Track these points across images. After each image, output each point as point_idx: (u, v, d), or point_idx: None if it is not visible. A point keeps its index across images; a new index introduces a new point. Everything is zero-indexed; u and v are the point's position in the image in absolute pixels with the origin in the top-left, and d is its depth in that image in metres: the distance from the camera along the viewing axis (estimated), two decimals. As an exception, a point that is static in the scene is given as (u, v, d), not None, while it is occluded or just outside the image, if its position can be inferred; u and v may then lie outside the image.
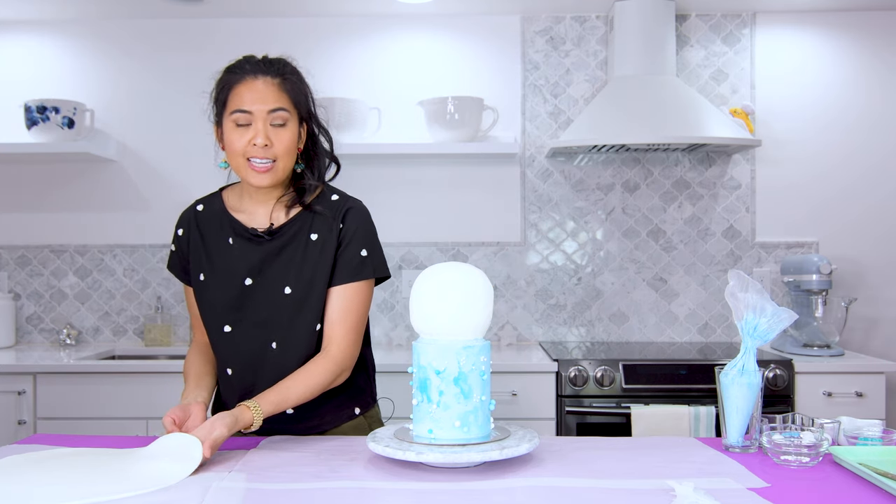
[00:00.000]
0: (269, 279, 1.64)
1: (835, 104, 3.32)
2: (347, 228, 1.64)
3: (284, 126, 1.59)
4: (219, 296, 1.67)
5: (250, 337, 1.66)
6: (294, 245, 1.64)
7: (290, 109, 1.60)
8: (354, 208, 1.67)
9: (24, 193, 3.37)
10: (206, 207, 1.73)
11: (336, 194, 1.70)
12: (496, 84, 3.32)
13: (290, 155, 1.61)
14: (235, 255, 1.66)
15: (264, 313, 1.64)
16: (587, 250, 3.33)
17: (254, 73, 1.60)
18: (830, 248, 3.30)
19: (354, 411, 1.74)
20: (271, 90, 1.58)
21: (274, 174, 1.59)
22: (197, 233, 1.71)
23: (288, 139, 1.59)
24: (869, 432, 1.49)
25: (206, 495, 1.22)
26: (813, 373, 2.73)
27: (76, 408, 2.74)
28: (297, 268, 1.63)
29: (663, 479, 1.28)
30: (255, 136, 1.56)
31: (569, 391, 2.72)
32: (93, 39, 3.36)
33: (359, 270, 1.64)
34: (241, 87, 1.59)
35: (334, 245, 1.63)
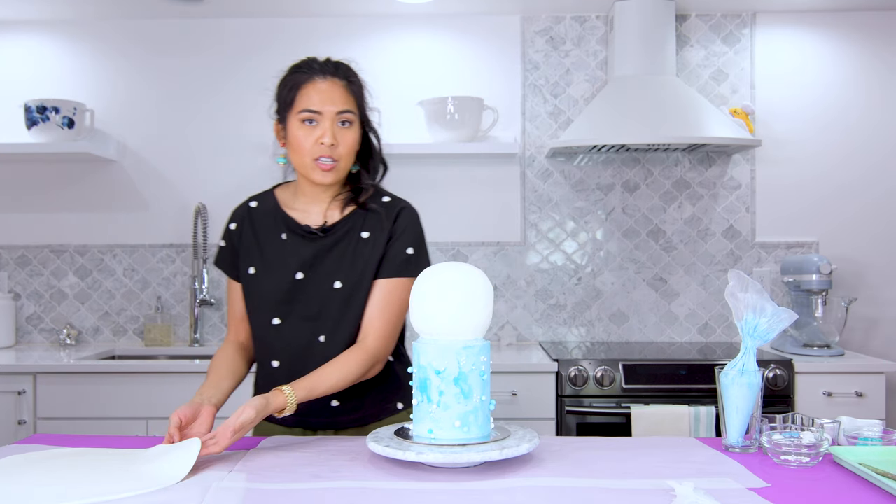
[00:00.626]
0: (320, 274, 1.68)
1: (835, 104, 3.32)
2: (398, 226, 1.69)
3: (350, 127, 1.65)
4: (269, 289, 1.70)
5: (299, 330, 1.69)
6: (346, 242, 1.69)
7: (355, 111, 1.66)
8: (407, 209, 1.73)
9: (24, 193, 3.37)
10: (259, 204, 1.78)
11: (388, 196, 1.75)
12: (496, 84, 3.32)
13: (352, 155, 1.67)
14: (288, 250, 1.70)
15: (314, 307, 1.68)
16: (587, 250, 3.33)
17: (322, 74, 1.65)
18: (830, 247, 3.30)
19: (397, 406, 1.77)
20: (339, 92, 1.64)
21: (336, 173, 1.65)
22: (250, 228, 1.75)
23: (352, 140, 1.65)
24: (869, 432, 1.49)
25: (206, 495, 1.22)
26: (813, 373, 2.73)
27: (76, 408, 2.74)
28: (349, 263, 1.68)
29: (663, 479, 1.28)
30: (323, 135, 1.61)
31: (569, 391, 2.72)
32: (93, 40, 3.36)
33: (403, 267, 1.67)
34: (310, 88, 1.64)
35: (384, 241, 1.68)
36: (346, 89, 1.65)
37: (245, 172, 3.35)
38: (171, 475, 1.30)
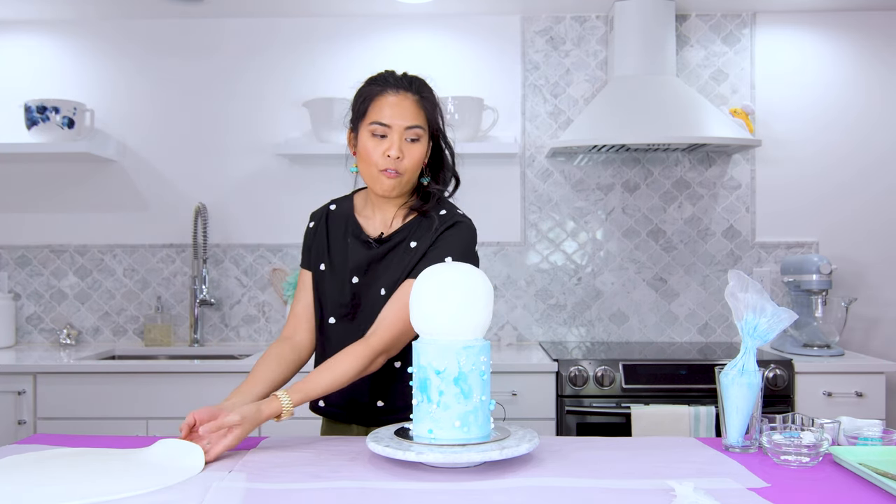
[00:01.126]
0: (371, 280, 1.73)
1: (835, 104, 3.32)
2: (444, 236, 1.70)
3: (417, 142, 1.68)
4: (331, 289, 1.77)
5: (350, 332, 1.73)
6: (395, 251, 1.73)
7: (424, 127, 1.69)
8: (462, 223, 1.73)
9: (24, 193, 3.37)
10: (337, 207, 1.84)
11: (446, 209, 1.76)
12: (496, 84, 3.32)
13: (417, 169, 1.70)
14: (349, 254, 1.76)
15: (364, 312, 1.72)
16: (587, 250, 3.33)
17: (395, 89, 1.68)
18: (830, 248, 3.30)
19: None
20: (410, 107, 1.67)
21: (399, 185, 1.69)
22: (324, 228, 1.82)
23: (418, 155, 1.68)
24: (869, 432, 1.49)
25: (206, 495, 1.22)
26: (813, 373, 2.73)
27: (76, 408, 2.74)
28: (393, 271, 1.71)
29: (663, 480, 1.28)
30: (390, 147, 1.65)
31: (569, 391, 2.72)
32: (93, 40, 3.36)
33: None
34: (382, 101, 1.67)
35: (426, 248, 1.69)
36: (417, 104, 1.68)
37: (245, 172, 3.35)
38: (171, 475, 1.30)
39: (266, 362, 1.72)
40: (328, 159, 3.26)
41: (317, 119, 3.12)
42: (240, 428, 1.43)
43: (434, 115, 1.72)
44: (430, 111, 1.71)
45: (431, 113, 1.71)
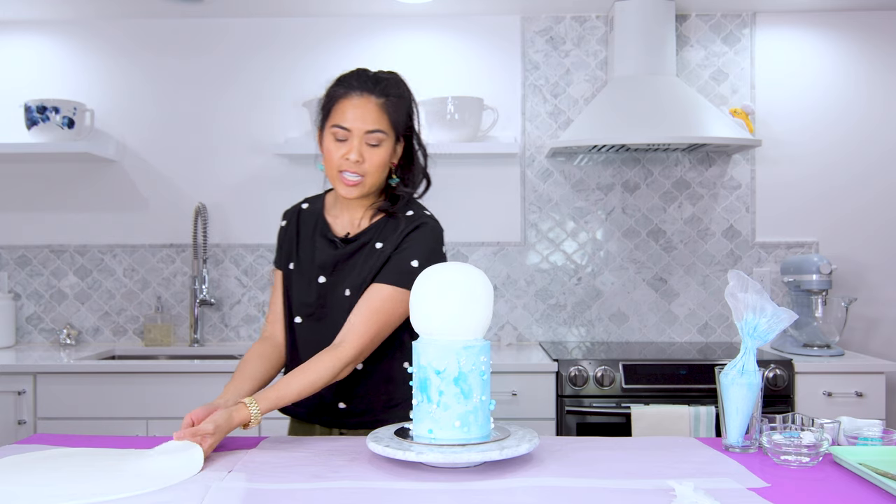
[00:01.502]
0: (336, 280, 1.72)
1: (835, 104, 3.32)
2: (409, 238, 1.69)
3: (379, 146, 1.65)
4: (298, 288, 1.77)
5: (315, 332, 1.74)
6: (361, 252, 1.72)
7: (387, 130, 1.65)
8: (427, 224, 1.73)
9: (24, 193, 3.37)
10: (310, 206, 1.85)
11: (413, 209, 1.75)
12: (496, 84, 3.32)
13: (380, 172, 1.68)
14: (316, 254, 1.76)
15: (329, 312, 1.72)
16: (587, 250, 3.33)
17: (359, 91, 1.66)
18: (830, 248, 3.30)
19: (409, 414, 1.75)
20: (372, 111, 1.64)
21: (361, 188, 1.67)
22: (295, 227, 1.82)
23: (380, 158, 1.66)
24: (869, 432, 1.49)
25: (206, 495, 1.22)
26: (813, 373, 2.73)
27: (76, 408, 2.74)
28: (359, 272, 1.70)
29: (663, 480, 1.28)
30: (350, 151, 1.64)
31: (569, 391, 2.72)
32: (93, 39, 3.36)
33: (401, 278, 1.65)
34: (345, 103, 1.66)
35: (391, 250, 1.69)
36: (380, 108, 1.65)
37: (245, 172, 3.35)
38: (171, 475, 1.30)
39: (251, 360, 1.75)
40: (328, 159, 3.26)
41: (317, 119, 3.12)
42: (213, 437, 1.43)
43: (400, 117, 1.68)
44: (396, 113, 1.67)
45: (397, 115, 1.67)
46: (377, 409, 1.73)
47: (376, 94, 1.66)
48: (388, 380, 1.73)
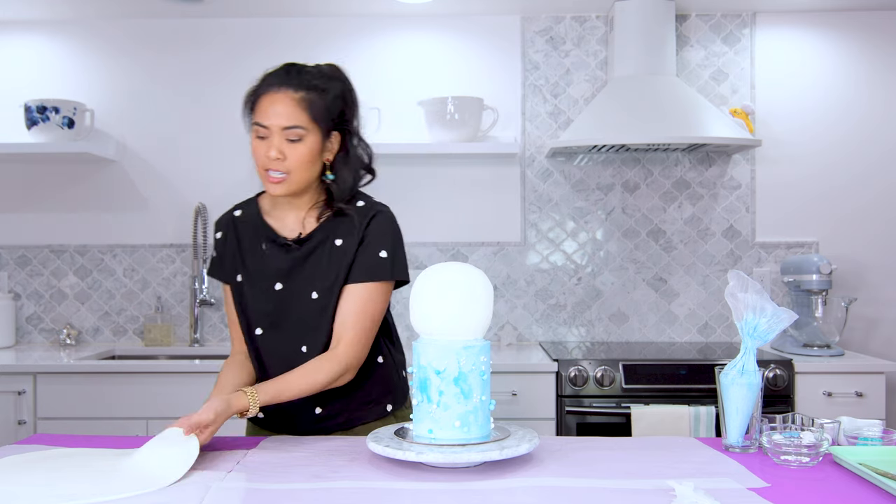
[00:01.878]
0: (297, 284, 1.67)
1: (835, 104, 3.32)
2: (370, 231, 1.66)
3: (300, 141, 1.60)
4: (252, 299, 1.71)
5: (281, 341, 1.69)
6: (320, 251, 1.67)
7: (308, 125, 1.60)
8: (382, 213, 1.69)
9: (24, 193, 3.37)
10: (243, 212, 1.77)
11: (363, 200, 1.71)
12: (496, 84, 3.32)
13: (305, 168, 1.62)
14: (267, 261, 1.70)
15: (294, 318, 1.68)
16: (587, 250, 3.33)
17: (277, 86, 1.62)
18: (830, 248, 3.30)
19: (386, 408, 1.76)
20: (289, 106, 1.60)
21: (287, 185, 1.62)
22: (234, 237, 1.75)
23: (302, 154, 1.60)
24: (869, 432, 1.49)
25: (206, 495, 1.22)
26: (813, 373, 2.73)
27: (76, 408, 2.74)
28: (323, 273, 1.66)
29: (663, 480, 1.28)
30: (270, 148, 1.60)
31: (569, 391, 2.72)
32: (93, 39, 3.36)
33: (375, 271, 1.64)
34: (264, 100, 1.62)
35: (355, 246, 1.65)
36: (298, 103, 1.60)
37: (245, 172, 3.35)
38: (168, 475, 1.30)
39: (230, 369, 1.72)
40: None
41: (317, 119, 3.12)
42: (213, 425, 1.42)
43: (322, 110, 1.61)
44: (318, 107, 1.61)
45: (319, 109, 1.61)
46: (352, 408, 1.71)
47: (294, 87, 1.61)
48: (363, 376, 1.69)
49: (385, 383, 1.76)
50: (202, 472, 1.35)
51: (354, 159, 1.70)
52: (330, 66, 1.71)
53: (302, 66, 1.68)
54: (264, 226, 1.72)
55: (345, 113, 1.68)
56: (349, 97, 1.70)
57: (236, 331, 1.77)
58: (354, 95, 1.72)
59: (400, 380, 1.81)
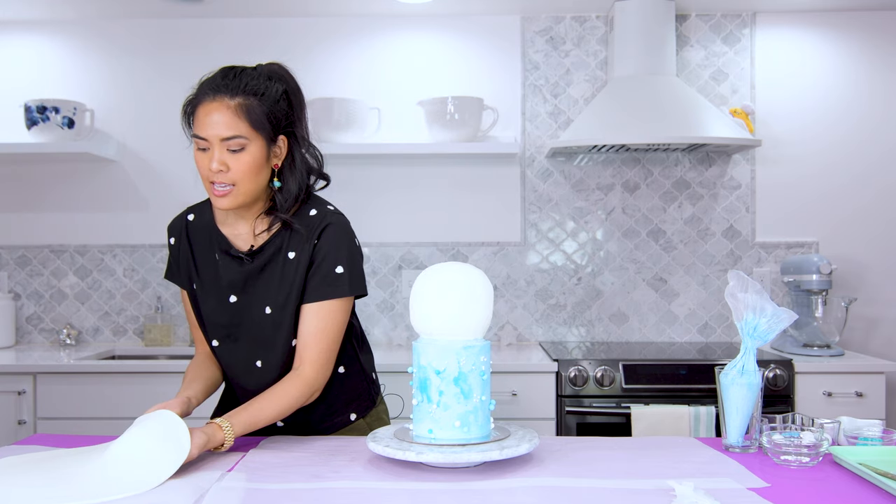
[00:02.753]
0: (251, 298, 1.62)
1: (835, 104, 3.32)
2: (321, 246, 1.58)
3: (242, 151, 1.52)
4: (207, 309, 1.67)
5: (236, 353, 1.67)
6: (273, 264, 1.61)
7: (248, 133, 1.51)
8: (332, 224, 1.60)
9: (24, 193, 3.37)
10: (196, 218, 1.70)
11: (316, 208, 1.63)
12: (496, 84, 3.32)
13: (251, 178, 1.53)
14: (221, 272, 1.64)
15: (248, 332, 1.64)
16: (587, 250, 3.33)
17: (212, 94, 1.52)
18: (830, 248, 3.30)
19: (350, 417, 1.74)
20: (226, 115, 1.50)
21: (234, 198, 1.54)
22: (187, 243, 1.69)
23: (246, 164, 1.52)
24: (869, 432, 1.49)
25: (206, 495, 1.22)
26: (813, 373, 2.73)
27: (76, 408, 2.74)
28: (276, 287, 1.60)
29: (663, 480, 1.28)
30: (211, 161, 1.52)
31: (569, 391, 2.72)
32: (93, 39, 3.36)
33: (333, 288, 1.58)
34: (201, 110, 1.53)
35: (307, 262, 1.58)
36: (235, 111, 1.50)
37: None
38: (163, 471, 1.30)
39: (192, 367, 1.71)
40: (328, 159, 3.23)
41: (317, 119, 3.12)
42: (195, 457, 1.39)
43: (261, 118, 1.52)
44: (257, 113, 1.52)
45: (259, 115, 1.52)
46: (314, 420, 1.69)
47: (230, 94, 1.52)
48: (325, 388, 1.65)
49: (348, 392, 1.72)
50: (202, 471, 1.35)
51: (300, 165, 1.61)
52: (271, 66, 1.62)
53: (241, 68, 1.59)
54: (218, 235, 1.65)
55: (290, 115, 1.59)
56: (294, 98, 1.61)
57: (198, 332, 1.74)
58: (300, 96, 1.63)
59: (364, 387, 1.76)
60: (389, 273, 3.33)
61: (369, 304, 3.32)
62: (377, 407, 1.81)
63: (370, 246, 3.33)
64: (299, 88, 1.64)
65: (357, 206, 3.34)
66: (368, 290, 3.31)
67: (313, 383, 1.57)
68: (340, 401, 1.71)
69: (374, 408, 1.79)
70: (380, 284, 3.33)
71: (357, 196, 3.33)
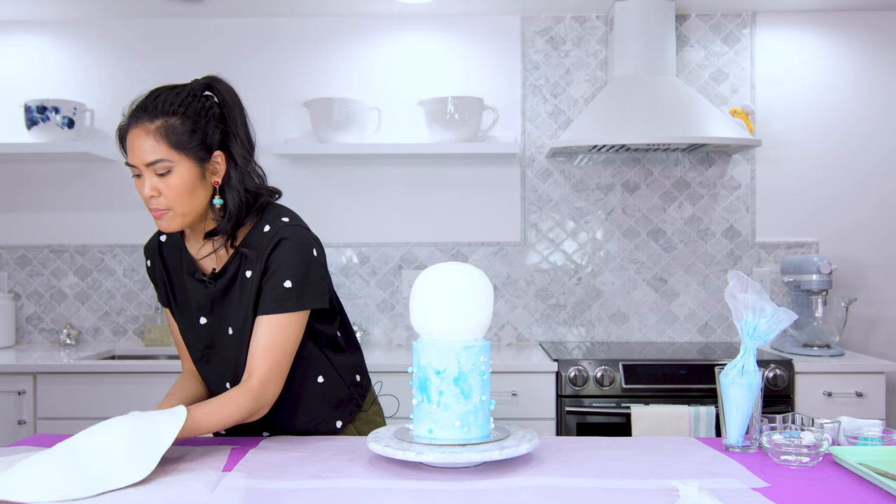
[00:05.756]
0: (218, 320, 1.63)
1: (835, 104, 3.32)
2: (272, 260, 1.55)
3: (170, 173, 1.50)
4: (183, 331, 1.69)
5: (209, 374, 1.68)
6: (234, 285, 1.60)
7: (170, 155, 1.49)
8: (286, 240, 1.55)
9: (24, 193, 3.37)
10: (168, 238, 1.71)
11: (270, 223, 1.58)
12: (496, 84, 3.32)
13: (184, 199, 1.52)
14: (190, 294, 1.65)
15: (216, 354, 1.65)
16: (587, 250, 3.33)
17: (134, 121, 1.51)
18: (830, 248, 3.30)
19: (336, 425, 1.71)
20: (147, 141, 1.48)
21: (172, 220, 1.54)
22: (161, 265, 1.70)
23: (175, 186, 1.50)
24: (869, 432, 1.49)
25: (206, 495, 1.22)
26: (813, 373, 2.73)
27: (76, 408, 2.74)
28: (236, 308, 1.60)
29: (664, 479, 1.28)
30: (143, 186, 1.52)
31: (569, 391, 2.72)
32: (93, 39, 3.36)
33: (282, 303, 1.54)
34: (128, 139, 1.52)
35: (259, 277, 1.56)
36: (155, 134, 1.48)
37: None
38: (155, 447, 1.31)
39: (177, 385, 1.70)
40: (328, 159, 3.26)
41: (317, 119, 3.12)
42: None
43: (186, 135, 1.49)
44: (179, 132, 1.49)
45: (181, 134, 1.49)
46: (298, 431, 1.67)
47: (149, 118, 1.49)
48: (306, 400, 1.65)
49: (331, 401, 1.70)
50: (202, 471, 1.35)
51: (237, 182, 1.56)
52: (204, 80, 1.57)
53: (168, 87, 1.53)
54: (187, 257, 1.65)
55: (223, 130, 1.55)
56: (228, 112, 1.56)
57: (182, 350, 1.74)
58: (234, 108, 1.57)
59: (350, 390, 1.74)
60: (389, 273, 3.33)
61: (369, 304, 3.33)
62: (367, 410, 1.79)
63: (370, 246, 3.33)
64: (235, 101, 1.58)
65: (357, 206, 3.35)
66: (368, 290, 3.35)
67: (260, 397, 1.51)
68: (323, 411, 1.69)
69: (360, 412, 1.76)
70: (380, 284, 3.33)
71: (357, 196, 3.33)
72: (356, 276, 3.33)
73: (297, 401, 1.66)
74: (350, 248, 3.33)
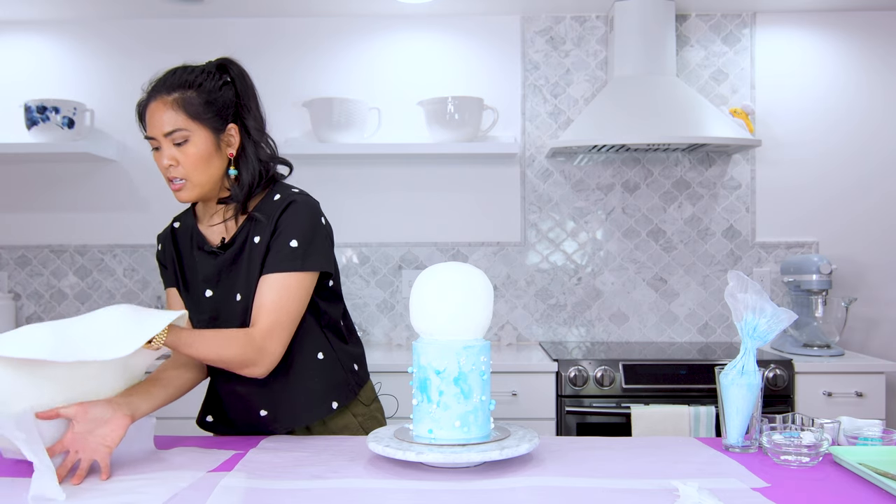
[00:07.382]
0: (224, 289, 1.65)
1: (835, 104, 3.32)
2: (283, 220, 1.60)
3: (187, 143, 1.58)
4: (189, 305, 1.70)
5: None
6: (242, 254, 1.64)
7: (187, 125, 1.58)
8: (295, 202, 1.62)
9: (24, 193, 3.37)
10: (181, 224, 1.77)
11: (280, 193, 1.66)
12: (496, 84, 3.32)
13: (201, 169, 1.59)
14: (197, 268, 1.69)
15: (222, 325, 1.65)
16: (587, 250, 3.33)
17: (153, 95, 1.61)
18: (830, 248, 3.30)
19: (332, 405, 1.70)
20: (165, 111, 1.58)
21: (189, 190, 1.61)
22: (172, 247, 1.74)
23: (192, 155, 1.58)
24: (869, 432, 1.49)
25: (207, 494, 1.22)
26: (813, 373, 2.73)
27: (76, 408, 2.74)
28: (245, 273, 1.63)
29: (664, 479, 1.28)
30: (162, 157, 1.60)
31: (569, 391, 2.72)
32: (93, 39, 3.36)
33: (286, 261, 1.58)
34: (147, 112, 1.62)
35: (268, 238, 1.61)
36: (173, 105, 1.58)
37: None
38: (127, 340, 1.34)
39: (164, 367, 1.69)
40: (328, 159, 3.26)
41: (317, 119, 3.12)
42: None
43: (202, 106, 1.59)
44: (195, 103, 1.59)
45: (198, 105, 1.59)
46: (296, 409, 1.67)
47: (166, 91, 1.60)
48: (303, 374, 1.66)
49: (327, 380, 1.70)
50: (202, 471, 1.35)
51: (251, 153, 1.65)
52: (217, 60, 1.71)
53: (184, 66, 1.67)
54: (197, 235, 1.70)
55: (236, 103, 1.65)
56: (240, 86, 1.67)
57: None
58: (246, 85, 1.68)
59: (347, 375, 1.74)
60: (389, 273, 3.33)
61: (369, 304, 3.33)
62: (369, 405, 1.79)
63: (370, 246, 3.33)
64: (246, 77, 1.70)
65: (357, 206, 3.35)
66: (368, 290, 3.35)
67: (261, 349, 1.53)
68: (320, 387, 1.69)
69: (362, 405, 1.77)
70: (380, 284, 3.33)
71: (357, 196, 3.33)
72: (356, 276, 3.33)
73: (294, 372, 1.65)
74: (350, 248, 3.33)
